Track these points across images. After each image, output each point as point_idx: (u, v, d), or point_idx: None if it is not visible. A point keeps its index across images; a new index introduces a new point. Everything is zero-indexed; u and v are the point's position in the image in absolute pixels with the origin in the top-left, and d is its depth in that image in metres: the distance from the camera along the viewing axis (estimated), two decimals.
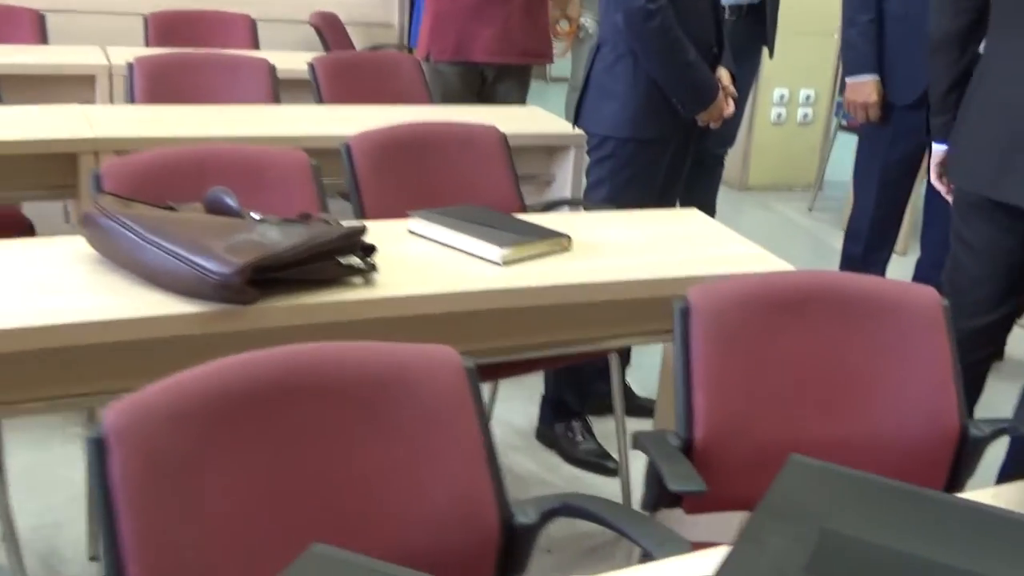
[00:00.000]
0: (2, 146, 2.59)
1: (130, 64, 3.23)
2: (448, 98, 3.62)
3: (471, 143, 2.65)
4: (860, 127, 3.38)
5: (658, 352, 2.41)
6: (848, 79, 3.29)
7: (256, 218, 1.80)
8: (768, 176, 6.00)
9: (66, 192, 2.79)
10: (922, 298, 1.75)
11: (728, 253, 2.22)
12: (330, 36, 4.88)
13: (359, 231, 1.84)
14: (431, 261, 1.98)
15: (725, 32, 2.88)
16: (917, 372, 1.72)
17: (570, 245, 2.12)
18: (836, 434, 1.71)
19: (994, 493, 1.39)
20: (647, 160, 2.78)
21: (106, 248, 1.80)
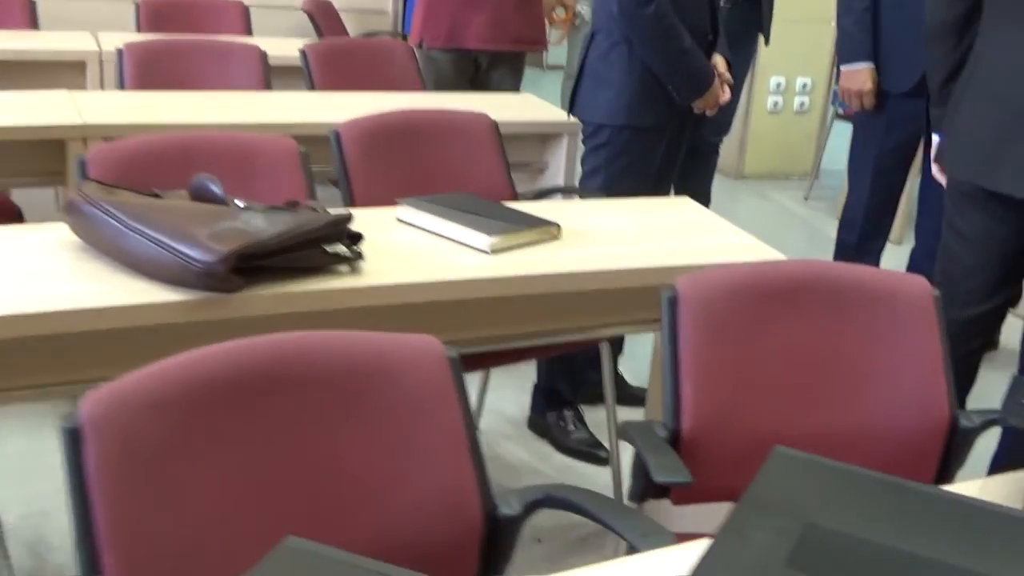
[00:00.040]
0: None
1: (119, 50, 3.20)
2: (441, 85, 3.60)
3: (462, 131, 2.63)
4: (855, 115, 3.36)
5: (651, 341, 2.40)
6: (843, 67, 3.27)
7: (241, 206, 1.79)
8: (764, 165, 5.98)
9: (55, 179, 2.78)
10: (913, 288, 1.73)
11: (720, 242, 2.20)
12: (323, 22, 4.85)
13: (345, 219, 1.82)
14: (419, 249, 1.97)
15: (720, 19, 2.86)
16: (907, 362, 1.70)
17: (559, 234, 2.10)
18: (825, 424, 1.70)
19: (982, 485, 1.38)
20: (643, 148, 2.77)
21: (90, 236, 1.78)
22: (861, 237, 3.39)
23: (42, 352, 1.64)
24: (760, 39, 3.82)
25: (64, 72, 3.57)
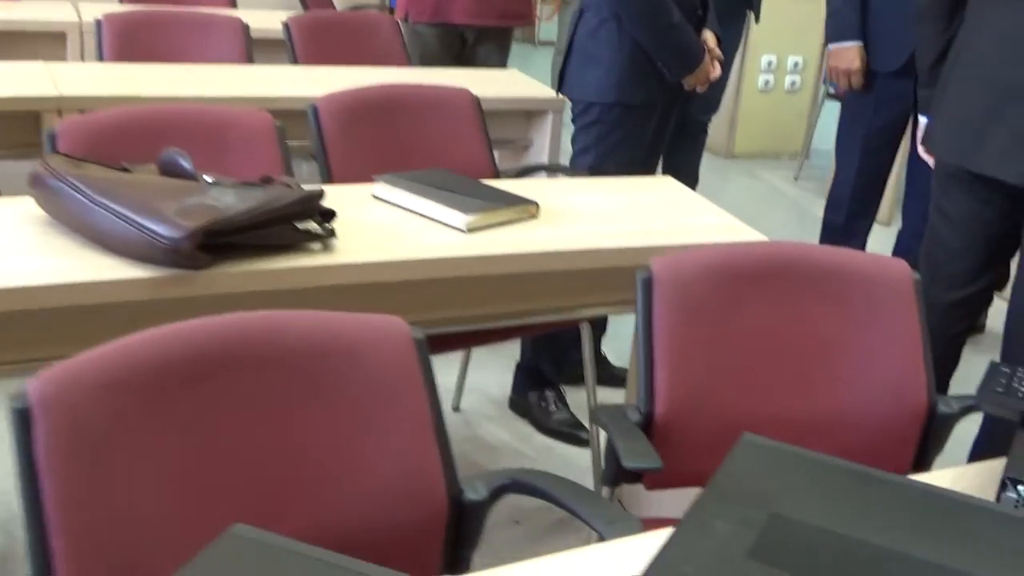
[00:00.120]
0: None
1: (98, 21, 3.15)
2: (426, 60, 3.56)
3: (443, 106, 2.59)
4: (843, 94, 3.33)
5: (635, 322, 2.37)
6: (831, 45, 3.23)
7: (210, 181, 1.75)
8: (755, 144, 5.94)
9: (31, 152, 2.73)
10: (892, 272, 1.71)
11: (701, 223, 2.17)
12: None
13: (317, 195, 1.78)
14: (393, 227, 1.93)
15: None
16: (886, 347, 1.67)
17: (538, 212, 2.07)
18: (801, 409, 1.67)
19: (957, 474, 1.35)
20: (633, 125, 2.73)
21: (55, 210, 1.74)
22: (848, 217, 3.36)
23: (3, 328, 1.60)
24: (751, 16, 3.78)
25: (44, 43, 3.51)
